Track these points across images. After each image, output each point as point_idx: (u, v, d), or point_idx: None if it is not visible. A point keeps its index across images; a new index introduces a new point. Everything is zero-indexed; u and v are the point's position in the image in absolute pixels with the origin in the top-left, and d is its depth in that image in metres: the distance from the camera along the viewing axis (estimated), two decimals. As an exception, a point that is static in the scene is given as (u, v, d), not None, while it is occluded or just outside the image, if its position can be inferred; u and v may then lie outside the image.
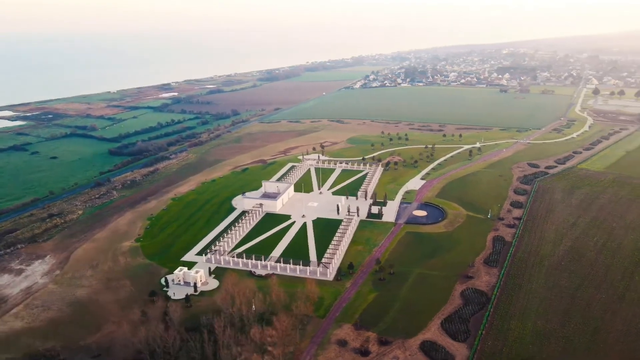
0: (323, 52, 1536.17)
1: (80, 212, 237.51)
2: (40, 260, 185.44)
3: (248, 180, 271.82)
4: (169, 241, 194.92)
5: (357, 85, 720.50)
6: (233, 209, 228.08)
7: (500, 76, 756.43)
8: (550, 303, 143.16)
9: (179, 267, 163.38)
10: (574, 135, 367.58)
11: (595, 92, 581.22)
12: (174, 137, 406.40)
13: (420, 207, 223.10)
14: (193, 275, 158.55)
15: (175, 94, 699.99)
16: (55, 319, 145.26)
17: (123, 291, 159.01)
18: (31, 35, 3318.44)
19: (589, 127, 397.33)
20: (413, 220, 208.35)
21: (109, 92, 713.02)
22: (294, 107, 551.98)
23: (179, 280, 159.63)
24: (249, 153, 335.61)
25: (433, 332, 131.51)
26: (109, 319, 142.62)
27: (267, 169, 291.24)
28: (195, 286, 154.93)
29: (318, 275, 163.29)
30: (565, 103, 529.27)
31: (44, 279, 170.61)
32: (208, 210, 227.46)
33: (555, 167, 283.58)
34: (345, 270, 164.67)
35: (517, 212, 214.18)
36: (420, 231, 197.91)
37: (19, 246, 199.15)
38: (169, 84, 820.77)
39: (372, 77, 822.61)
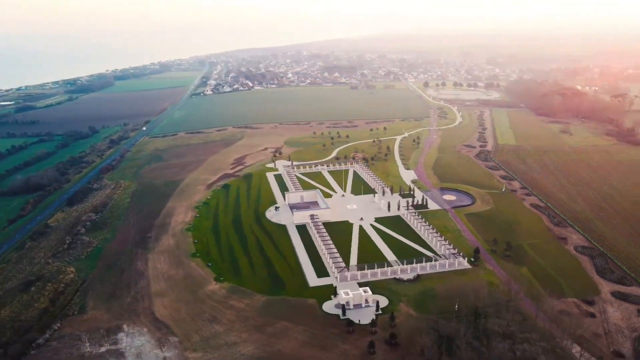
0: (109, 59, 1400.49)
1: (71, 269, 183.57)
2: (122, 334, 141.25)
3: (245, 196, 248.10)
4: (264, 274, 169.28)
5: (208, 91, 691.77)
6: (280, 225, 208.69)
7: (336, 75, 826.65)
8: None
9: (344, 291, 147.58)
10: (460, 119, 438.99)
11: (426, 84, 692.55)
12: (56, 165, 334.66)
13: (444, 193, 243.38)
14: (363, 295, 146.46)
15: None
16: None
17: (297, 332, 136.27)
18: None
19: (459, 111, 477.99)
20: (454, 204, 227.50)
21: None
22: (166, 119, 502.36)
23: (348, 305, 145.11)
24: (198, 170, 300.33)
25: (605, 284, 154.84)
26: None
27: (253, 183, 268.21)
28: (377, 305, 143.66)
29: (457, 265, 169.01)
30: (413, 95, 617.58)
31: (169, 351, 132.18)
32: (256, 232, 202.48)
33: (485, 145, 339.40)
34: (473, 256, 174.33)
35: (515, 184, 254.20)
36: (472, 212, 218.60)
37: (54, 327, 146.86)
38: None
39: (211, 82, 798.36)
